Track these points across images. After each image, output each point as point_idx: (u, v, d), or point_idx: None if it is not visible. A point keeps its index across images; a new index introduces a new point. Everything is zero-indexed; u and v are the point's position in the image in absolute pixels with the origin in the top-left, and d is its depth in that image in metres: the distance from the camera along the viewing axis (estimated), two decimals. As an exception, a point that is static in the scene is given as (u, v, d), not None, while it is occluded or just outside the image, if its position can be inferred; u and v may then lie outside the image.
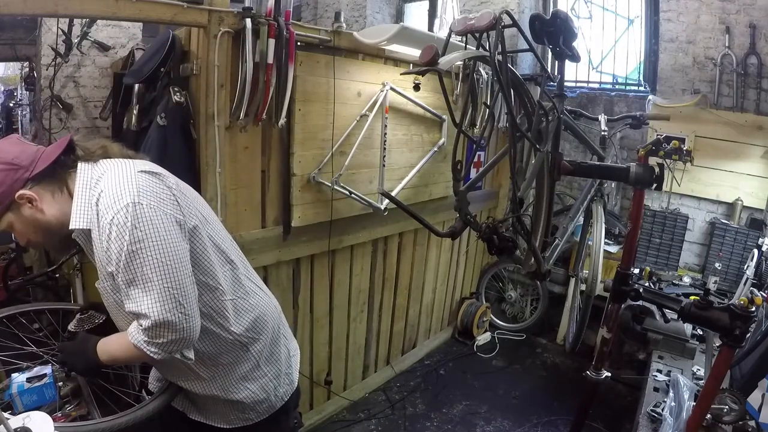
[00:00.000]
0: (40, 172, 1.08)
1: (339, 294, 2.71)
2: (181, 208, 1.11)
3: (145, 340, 1.05)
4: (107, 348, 1.16)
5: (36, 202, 1.08)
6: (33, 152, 1.11)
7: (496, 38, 1.44)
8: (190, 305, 1.07)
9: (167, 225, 1.05)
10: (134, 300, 1.04)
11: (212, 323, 1.20)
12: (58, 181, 1.11)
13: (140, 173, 1.09)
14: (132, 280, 1.03)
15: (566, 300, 3.67)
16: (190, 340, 1.08)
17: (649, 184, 1.87)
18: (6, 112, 8.71)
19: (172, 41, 1.89)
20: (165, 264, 1.03)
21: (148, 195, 1.05)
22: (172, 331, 1.04)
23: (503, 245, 1.63)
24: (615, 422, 2.80)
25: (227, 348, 1.24)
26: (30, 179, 1.07)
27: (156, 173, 1.13)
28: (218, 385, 1.28)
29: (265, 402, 1.35)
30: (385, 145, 2.44)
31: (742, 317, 1.43)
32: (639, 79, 3.77)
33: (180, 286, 1.05)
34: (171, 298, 1.03)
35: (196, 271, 1.13)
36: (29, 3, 1.41)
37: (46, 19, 3.07)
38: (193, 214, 1.15)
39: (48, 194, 1.10)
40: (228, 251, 1.26)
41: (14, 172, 1.06)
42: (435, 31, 4.18)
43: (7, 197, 1.06)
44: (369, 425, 2.83)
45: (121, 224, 1.01)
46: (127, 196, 1.03)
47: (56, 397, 1.22)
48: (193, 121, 1.89)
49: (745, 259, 3.02)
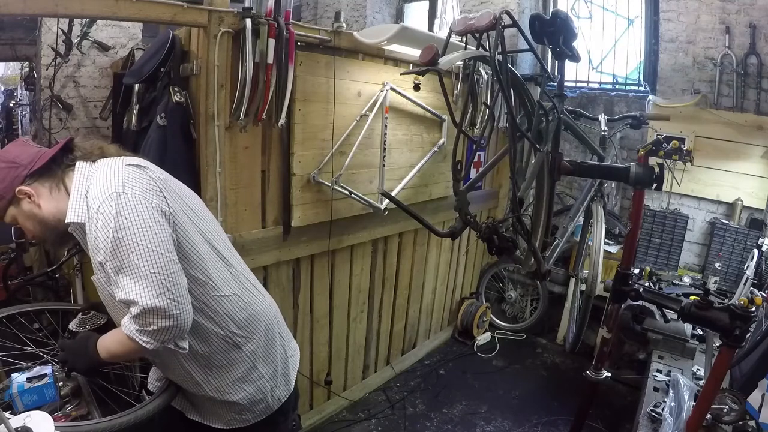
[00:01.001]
0: (37, 169, 1.16)
1: (339, 294, 2.71)
2: (166, 199, 1.14)
3: (136, 329, 1.06)
4: (105, 344, 1.17)
5: (34, 197, 1.16)
6: (34, 153, 1.19)
7: (496, 38, 1.44)
8: (179, 292, 1.08)
9: (151, 213, 1.08)
10: (123, 287, 1.06)
11: (204, 317, 1.21)
12: (55, 178, 1.18)
13: (127, 166, 1.15)
14: (120, 268, 1.05)
15: (566, 300, 3.67)
16: (182, 329, 1.09)
17: (649, 184, 1.88)
18: (6, 112, 8.71)
19: (172, 41, 1.89)
20: (150, 250, 1.05)
21: (132, 185, 1.10)
22: (161, 318, 1.05)
23: (503, 245, 1.63)
24: (615, 422, 2.80)
25: (221, 346, 1.25)
26: (29, 176, 1.16)
27: (142, 166, 1.17)
28: (213, 387, 1.28)
29: (262, 403, 1.35)
30: (385, 145, 2.44)
31: (742, 317, 1.43)
32: (639, 79, 3.77)
33: (166, 272, 1.06)
34: (158, 284, 1.05)
35: (185, 264, 1.15)
36: (29, 3, 1.41)
37: (46, 19, 3.07)
38: (179, 206, 1.18)
39: (45, 190, 1.17)
40: (220, 248, 1.28)
41: (14, 170, 1.15)
42: (435, 31, 4.18)
43: (8, 192, 1.15)
44: (369, 425, 2.83)
45: (107, 213, 1.05)
46: (112, 186, 1.08)
47: (56, 397, 1.22)
48: (193, 121, 1.89)
49: (745, 259, 3.02)
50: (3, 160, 1.17)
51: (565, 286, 3.72)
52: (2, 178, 1.15)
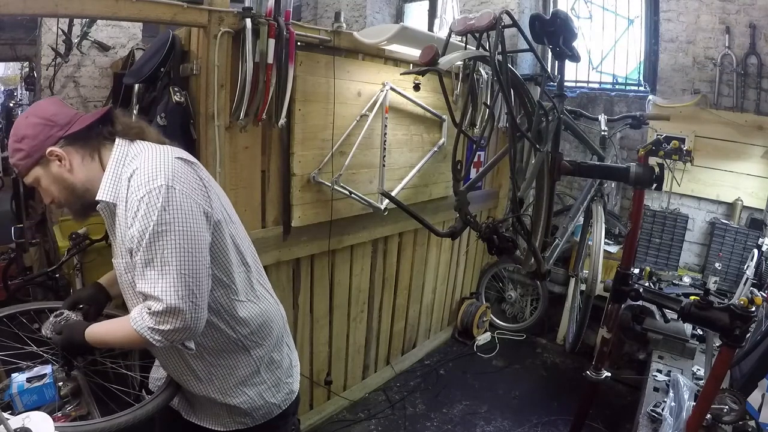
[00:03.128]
0: (73, 133, 1.12)
1: (339, 294, 2.71)
2: (210, 200, 1.13)
3: (149, 327, 1.04)
4: (97, 335, 1.15)
5: (65, 161, 1.11)
6: (71, 115, 1.15)
7: (496, 38, 1.44)
8: (202, 297, 1.07)
9: (195, 213, 1.07)
10: (148, 281, 1.04)
11: (219, 319, 1.20)
12: (90, 147, 1.14)
13: (177, 159, 1.11)
14: (150, 261, 1.03)
15: (566, 300, 3.67)
16: (194, 332, 1.08)
17: (649, 184, 1.88)
18: (6, 112, 8.72)
19: (172, 41, 1.89)
20: (186, 251, 1.04)
21: (181, 181, 1.07)
22: (179, 320, 1.03)
23: (503, 245, 1.63)
24: (615, 422, 2.80)
25: (229, 347, 1.24)
26: (63, 138, 1.11)
27: (191, 162, 1.15)
28: (216, 387, 1.27)
29: (263, 408, 1.34)
30: (385, 145, 2.44)
31: (742, 317, 1.43)
32: (639, 79, 3.77)
33: (196, 276, 1.05)
34: (185, 286, 1.03)
35: (213, 266, 1.14)
36: (29, 3, 1.41)
37: (46, 19, 3.07)
38: (219, 209, 1.17)
39: (78, 157, 1.13)
40: (245, 253, 1.27)
41: (49, 129, 1.10)
42: (435, 31, 4.18)
43: (38, 151, 1.10)
44: (369, 425, 2.82)
45: (152, 204, 1.02)
46: (162, 178, 1.04)
47: (56, 397, 1.21)
48: (193, 121, 1.89)
49: (745, 259, 3.01)
50: (38, 116, 1.11)
51: (565, 286, 3.72)
52: (35, 134, 1.09)
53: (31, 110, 1.16)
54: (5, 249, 3.79)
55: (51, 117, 1.11)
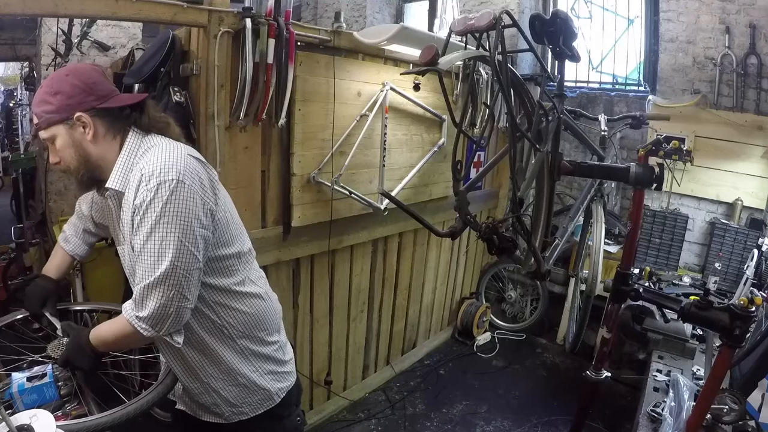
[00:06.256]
0: (106, 108, 1.14)
1: (339, 294, 2.71)
2: (216, 199, 1.17)
3: (137, 315, 1.08)
4: (100, 335, 1.18)
5: (89, 129, 1.13)
6: (110, 90, 1.17)
7: (496, 38, 1.44)
8: (188, 288, 1.10)
9: (198, 211, 1.10)
10: (144, 267, 1.08)
11: (213, 313, 1.23)
12: (115, 128, 1.16)
13: (189, 156, 1.14)
14: (149, 250, 1.07)
15: (566, 300, 3.67)
16: (178, 320, 1.11)
17: (649, 184, 1.88)
18: (6, 112, 8.71)
19: (171, 41, 1.88)
20: (184, 245, 1.07)
21: (191, 177, 1.10)
22: (161, 303, 1.07)
23: (503, 245, 1.63)
24: (615, 422, 2.80)
25: (221, 338, 1.26)
26: (95, 108, 1.12)
27: (202, 161, 1.19)
28: (211, 377, 1.28)
29: (259, 395, 1.34)
30: (385, 145, 2.44)
31: (742, 317, 1.43)
32: (639, 79, 3.77)
33: (187, 268, 1.09)
34: (174, 273, 1.07)
35: (211, 263, 1.18)
36: (29, 3, 1.41)
37: (46, 19, 3.07)
38: (224, 209, 1.22)
39: (102, 131, 1.15)
40: (244, 254, 1.31)
41: (86, 95, 1.12)
42: (435, 31, 4.18)
43: (66, 111, 1.11)
44: (369, 425, 2.82)
45: (161, 196, 1.05)
46: (174, 172, 1.07)
47: (57, 397, 1.22)
48: (193, 121, 1.89)
49: (745, 259, 3.02)
50: (80, 79, 1.12)
51: (565, 286, 3.72)
52: (70, 94, 1.10)
53: (73, 70, 1.16)
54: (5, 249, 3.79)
55: (92, 84, 1.13)
